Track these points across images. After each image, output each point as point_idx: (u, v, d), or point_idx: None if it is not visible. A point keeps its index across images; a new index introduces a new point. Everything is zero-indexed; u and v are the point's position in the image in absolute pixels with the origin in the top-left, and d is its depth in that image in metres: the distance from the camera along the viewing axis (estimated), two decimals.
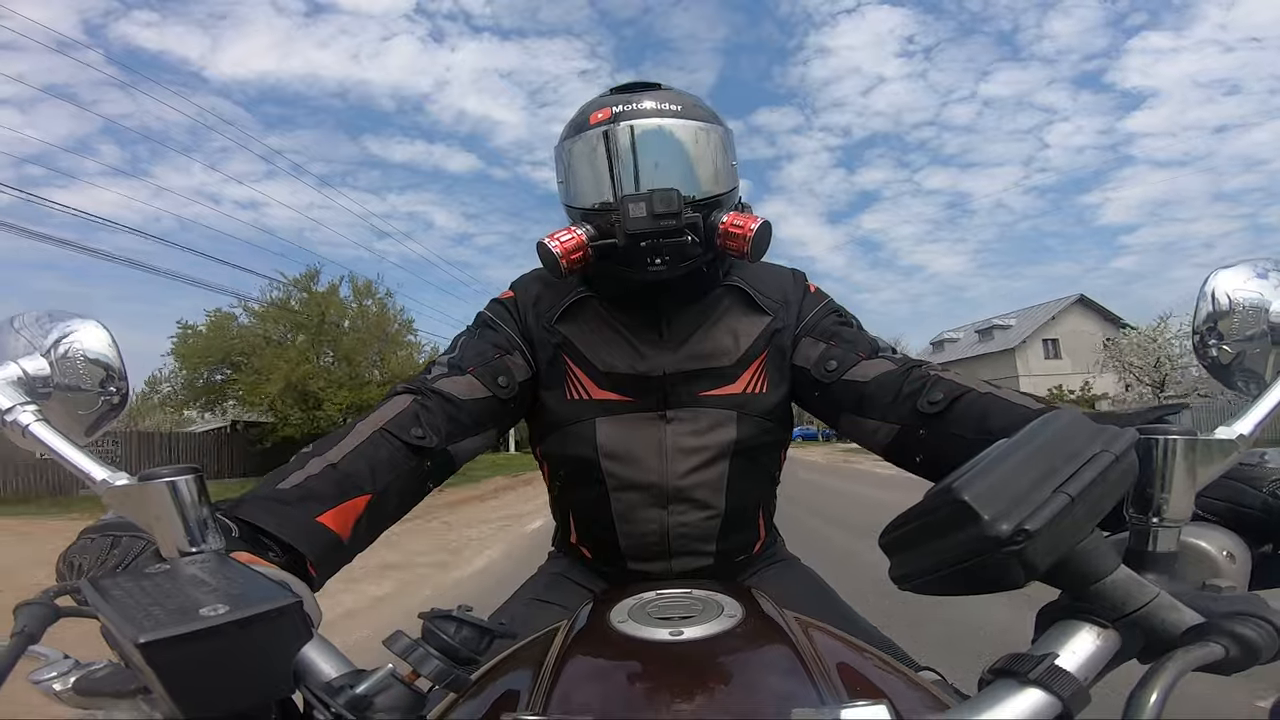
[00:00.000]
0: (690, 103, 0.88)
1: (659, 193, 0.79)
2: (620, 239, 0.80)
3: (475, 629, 0.41)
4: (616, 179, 0.85)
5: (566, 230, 0.83)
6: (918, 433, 0.78)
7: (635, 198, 0.80)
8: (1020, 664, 0.35)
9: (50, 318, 0.60)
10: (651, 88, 0.89)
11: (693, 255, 0.83)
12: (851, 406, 0.85)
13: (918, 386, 0.79)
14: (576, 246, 0.82)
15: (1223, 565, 0.45)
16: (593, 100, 0.90)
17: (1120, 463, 0.36)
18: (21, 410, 0.53)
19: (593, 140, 0.86)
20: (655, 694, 0.47)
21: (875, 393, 0.83)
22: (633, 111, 0.85)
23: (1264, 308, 0.55)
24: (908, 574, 0.39)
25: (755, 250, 0.83)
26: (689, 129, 0.85)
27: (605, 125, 0.85)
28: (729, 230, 0.83)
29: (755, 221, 0.82)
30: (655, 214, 0.79)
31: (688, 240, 0.81)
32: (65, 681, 0.43)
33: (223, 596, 0.36)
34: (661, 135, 0.85)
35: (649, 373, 0.88)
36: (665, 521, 0.89)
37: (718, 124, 0.89)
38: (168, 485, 0.47)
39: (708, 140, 0.87)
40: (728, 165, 0.89)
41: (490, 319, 0.94)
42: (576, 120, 0.89)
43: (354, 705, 0.37)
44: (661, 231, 0.79)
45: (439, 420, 0.81)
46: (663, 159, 0.85)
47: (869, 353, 0.86)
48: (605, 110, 0.86)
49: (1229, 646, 0.35)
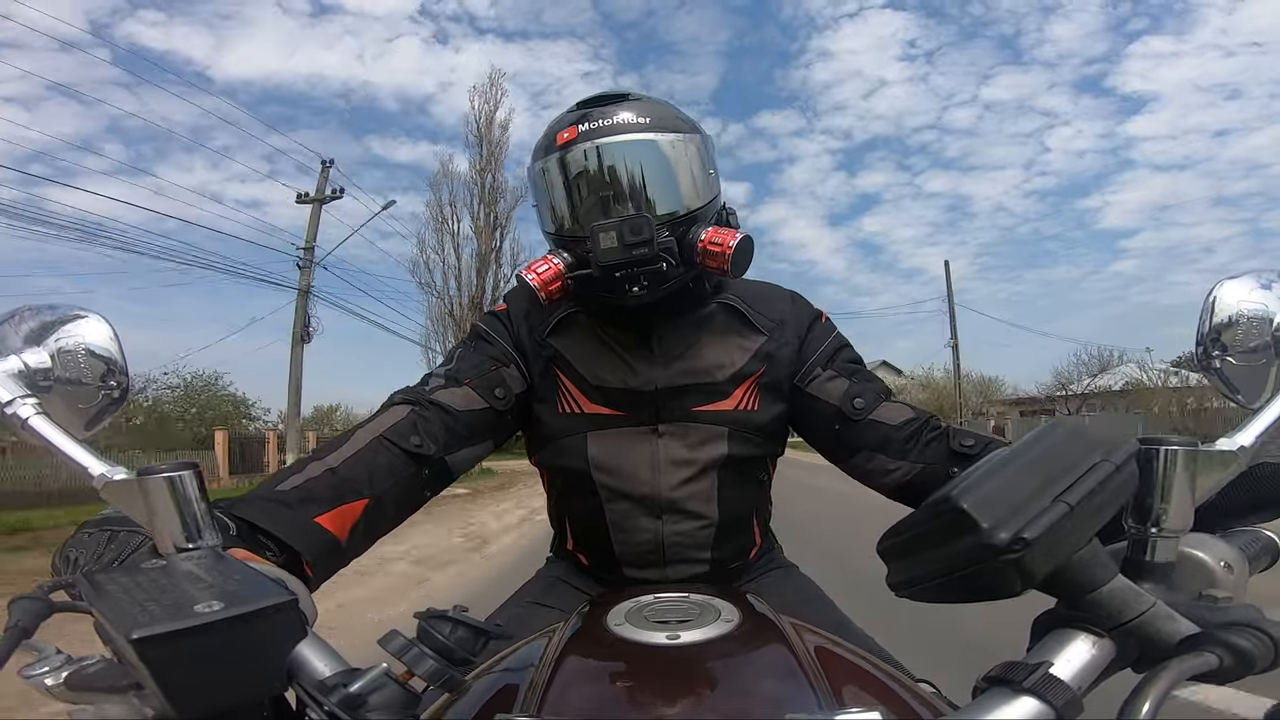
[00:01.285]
0: (661, 113, 0.83)
1: (629, 220, 0.76)
2: (594, 270, 0.78)
3: (471, 630, 0.41)
4: (586, 204, 0.82)
5: (544, 260, 0.82)
6: (949, 472, 0.80)
7: (604, 226, 0.77)
8: (1014, 672, 0.35)
9: (52, 311, 0.60)
10: (619, 99, 0.84)
11: (673, 277, 0.81)
12: (875, 445, 0.86)
13: (940, 433, 0.83)
14: (554, 277, 0.81)
15: (1220, 575, 0.45)
16: (559, 117, 0.85)
17: (1120, 473, 0.36)
18: (21, 403, 0.53)
19: (558, 163, 0.82)
20: (650, 697, 0.47)
21: (897, 435, 0.85)
22: (599, 129, 0.80)
23: (1268, 319, 0.55)
24: (905, 581, 0.39)
25: (735, 267, 0.81)
26: (660, 143, 0.81)
27: (571, 147, 0.81)
28: (707, 249, 0.80)
29: (734, 237, 0.80)
30: (626, 243, 0.76)
31: (663, 267, 0.78)
32: (57, 676, 0.42)
33: (218, 593, 0.36)
34: (630, 153, 0.80)
35: (640, 387, 0.88)
36: (660, 531, 0.89)
37: (693, 132, 0.84)
38: (166, 480, 0.47)
39: (682, 152, 0.82)
40: (705, 175, 0.85)
41: (484, 331, 0.93)
42: (543, 141, 0.85)
43: (347, 704, 0.36)
44: (635, 261, 0.77)
45: (436, 430, 0.81)
46: (633, 179, 0.81)
47: (887, 396, 0.89)
48: (571, 129, 0.81)
49: (1223, 656, 0.35)
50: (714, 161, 0.88)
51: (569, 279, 0.82)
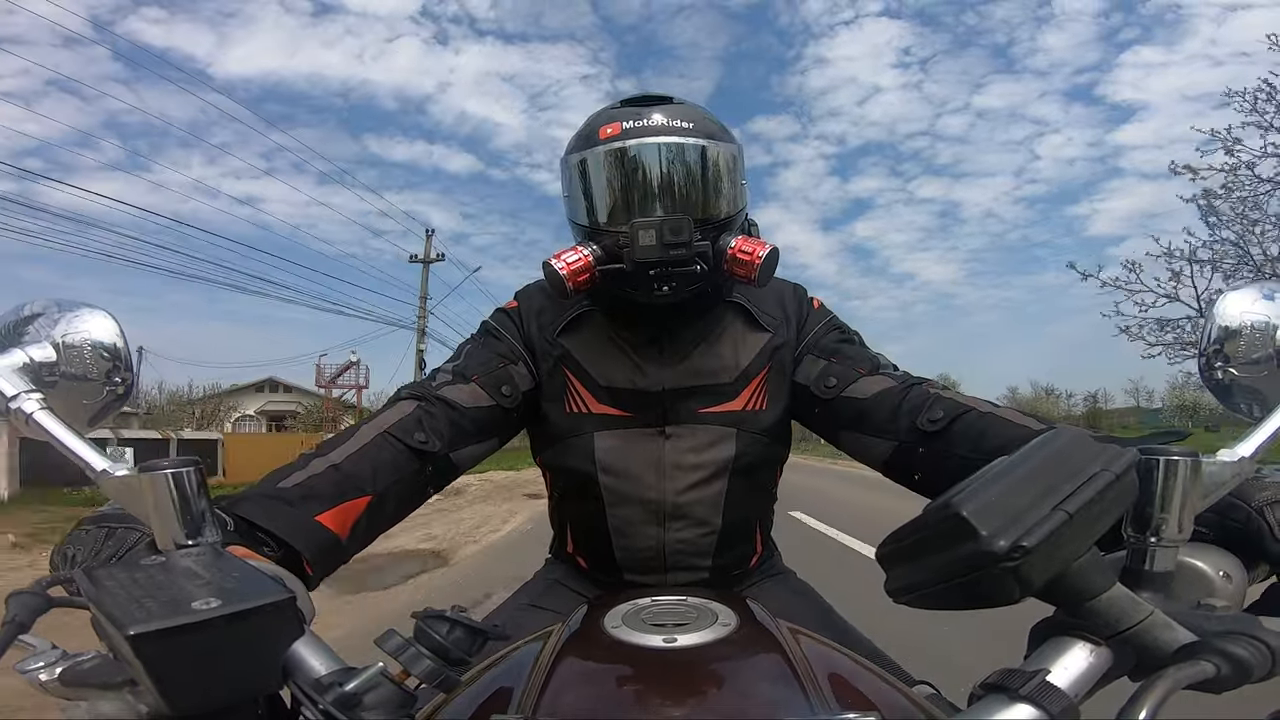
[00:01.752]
0: (703, 118, 0.84)
1: (670, 220, 0.77)
2: (629, 265, 0.79)
3: (467, 630, 0.41)
4: (624, 200, 0.83)
5: (573, 250, 0.81)
6: (917, 450, 0.78)
7: (645, 224, 0.77)
8: (1011, 679, 0.35)
9: (58, 307, 0.60)
10: (663, 101, 0.85)
11: (700, 280, 0.81)
12: (850, 423, 0.85)
13: (918, 404, 0.79)
14: (584, 268, 0.81)
15: (1218, 585, 0.45)
16: (601, 112, 0.87)
17: (1120, 482, 0.36)
18: (26, 398, 0.53)
19: (601, 157, 0.83)
20: (647, 699, 0.47)
21: (874, 409, 0.82)
22: (643, 129, 0.81)
23: (1271, 331, 0.55)
24: (904, 587, 0.39)
25: (762, 277, 0.81)
26: (701, 149, 0.82)
27: (614, 142, 0.82)
28: (737, 256, 0.81)
29: (764, 248, 0.80)
30: (665, 243, 0.77)
31: (697, 269, 0.79)
32: (51, 672, 0.42)
33: (215, 590, 0.36)
34: (672, 155, 0.82)
35: (649, 388, 0.88)
36: (662, 538, 0.88)
37: (730, 141, 0.86)
38: (167, 476, 0.47)
39: (720, 160, 0.83)
40: (738, 185, 0.86)
41: (494, 328, 0.94)
42: (584, 133, 0.86)
43: (342, 703, 0.36)
44: (671, 260, 0.78)
45: (442, 426, 0.81)
46: (673, 181, 0.82)
47: (869, 369, 0.86)
48: (615, 125, 0.82)
49: (1220, 665, 0.35)
50: (744, 173, 0.88)
51: (598, 272, 0.82)
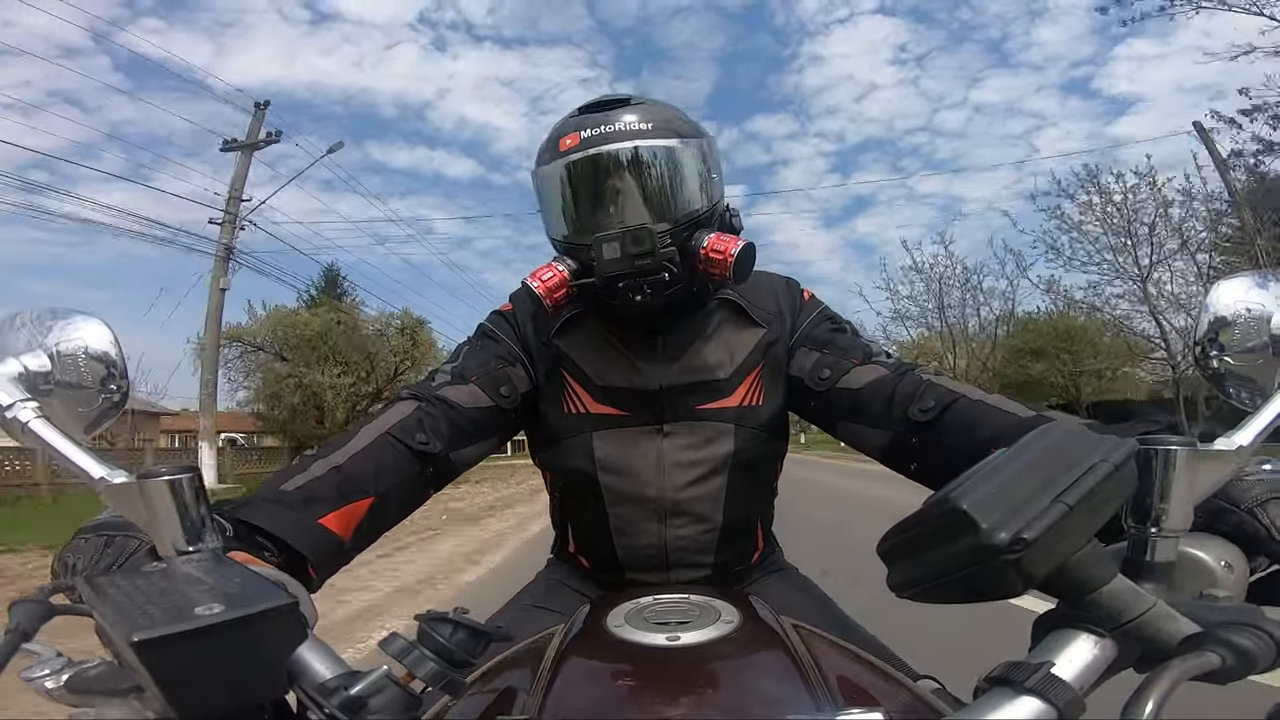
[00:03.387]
0: (664, 117, 0.83)
1: (631, 232, 0.77)
2: (598, 279, 0.79)
3: (471, 632, 0.41)
4: (591, 212, 0.82)
5: (548, 267, 0.82)
6: (910, 440, 0.78)
7: (608, 237, 0.77)
8: (1016, 672, 0.35)
9: (52, 315, 0.60)
10: (621, 104, 0.83)
11: (676, 283, 0.81)
12: (846, 414, 0.85)
13: (910, 392, 0.79)
14: (559, 285, 0.81)
15: (1220, 575, 0.45)
16: (562, 121, 0.85)
17: (1119, 472, 0.36)
18: (21, 407, 0.53)
19: (561, 170, 0.82)
20: (650, 698, 0.47)
21: (868, 399, 0.83)
22: (601, 136, 0.80)
23: (1265, 319, 0.55)
24: (906, 581, 0.39)
25: (738, 274, 0.80)
26: (662, 149, 0.81)
27: (574, 154, 0.81)
28: (709, 256, 0.80)
29: (736, 245, 0.80)
30: (629, 254, 0.77)
31: (665, 276, 0.79)
32: (58, 679, 0.42)
33: (218, 595, 0.36)
34: (632, 160, 0.81)
35: (645, 386, 0.88)
36: (663, 535, 0.89)
37: (695, 136, 0.84)
38: (166, 484, 0.47)
39: (684, 157, 0.82)
40: (709, 179, 0.85)
41: (491, 330, 0.94)
42: (547, 145, 0.85)
43: (347, 706, 0.36)
44: (637, 271, 0.78)
45: (442, 426, 0.81)
46: (635, 186, 0.81)
47: (862, 358, 0.86)
48: (574, 136, 0.81)
49: (1225, 656, 0.35)
50: (718, 164, 0.87)
51: (573, 286, 0.82)
